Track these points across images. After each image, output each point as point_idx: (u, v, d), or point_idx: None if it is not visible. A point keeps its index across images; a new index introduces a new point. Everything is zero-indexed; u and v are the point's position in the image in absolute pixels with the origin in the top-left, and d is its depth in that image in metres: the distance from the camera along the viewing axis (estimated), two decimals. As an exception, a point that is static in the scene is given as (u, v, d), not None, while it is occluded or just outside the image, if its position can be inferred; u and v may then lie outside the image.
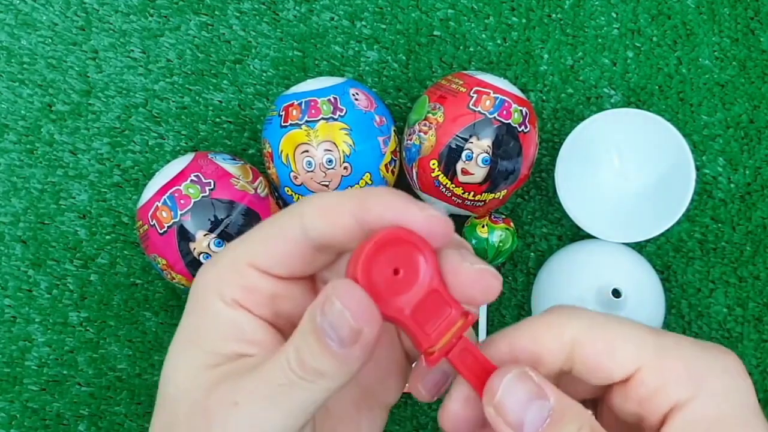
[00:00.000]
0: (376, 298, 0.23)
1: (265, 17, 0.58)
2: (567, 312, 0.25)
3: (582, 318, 0.25)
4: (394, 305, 0.24)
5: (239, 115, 0.58)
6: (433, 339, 0.24)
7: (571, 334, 0.24)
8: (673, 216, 0.52)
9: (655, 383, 0.24)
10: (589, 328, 0.24)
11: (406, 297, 0.24)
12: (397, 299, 0.24)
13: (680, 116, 0.58)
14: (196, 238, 0.48)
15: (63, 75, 0.57)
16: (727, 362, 0.24)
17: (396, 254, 0.24)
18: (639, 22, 0.58)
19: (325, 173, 0.50)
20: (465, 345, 0.24)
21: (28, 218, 0.57)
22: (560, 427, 0.23)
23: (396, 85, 0.58)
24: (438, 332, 0.24)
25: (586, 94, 0.58)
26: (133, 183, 0.57)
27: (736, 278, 0.57)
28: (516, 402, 0.23)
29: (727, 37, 0.58)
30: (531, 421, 0.23)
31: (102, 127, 0.57)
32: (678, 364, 0.24)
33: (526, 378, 0.23)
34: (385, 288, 0.24)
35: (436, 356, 0.24)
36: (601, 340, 0.24)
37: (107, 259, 0.57)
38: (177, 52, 0.58)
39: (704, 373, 0.24)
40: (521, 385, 0.23)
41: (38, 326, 0.56)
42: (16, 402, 0.56)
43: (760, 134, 0.58)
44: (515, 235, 0.55)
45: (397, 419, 0.56)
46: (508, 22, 0.58)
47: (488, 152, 0.50)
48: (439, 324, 0.24)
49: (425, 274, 0.24)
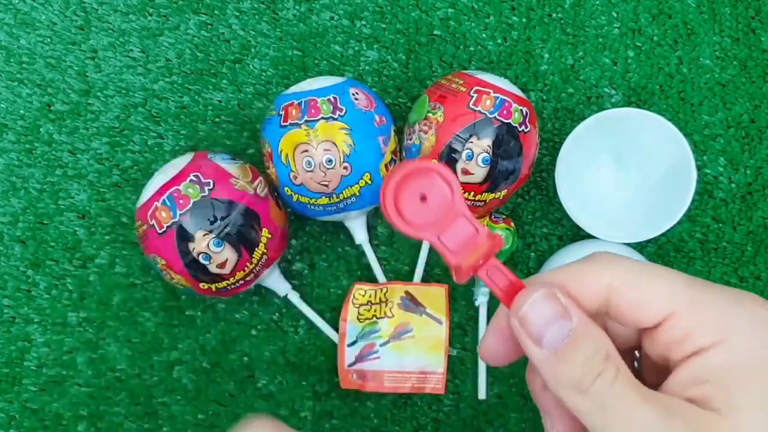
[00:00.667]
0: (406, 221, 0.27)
1: (265, 16, 0.58)
2: (606, 259, 0.26)
3: (619, 265, 0.26)
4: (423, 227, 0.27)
5: (239, 115, 0.58)
6: (461, 258, 0.27)
7: (607, 281, 0.25)
8: (673, 216, 0.52)
9: (683, 330, 0.24)
10: (625, 276, 0.25)
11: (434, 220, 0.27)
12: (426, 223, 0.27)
13: (681, 116, 0.58)
14: (195, 238, 0.48)
15: (62, 74, 0.57)
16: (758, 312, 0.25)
17: (422, 183, 0.27)
18: (640, 22, 0.58)
19: (325, 173, 0.49)
20: (496, 264, 0.27)
21: (27, 218, 0.57)
22: (577, 347, 0.24)
23: (396, 84, 0.58)
24: (467, 251, 0.27)
25: (586, 93, 0.58)
26: (132, 183, 0.57)
27: (737, 278, 0.57)
28: (539, 317, 0.25)
29: (727, 36, 0.58)
30: (551, 337, 0.25)
31: (101, 127, 0.57)
32: (708, 312, 0.24)
33: (552, 298, 0.25)
34: (413, 212, 0.27)
35: (464, 272, 0.27)
36: (635, 289, 0.25)
37: (106, 259, 0.56)
38: (176, 52, 0.58)
39: (732, 321, 0.24)
40: (547, 304, 0.25)
41: (37, 326, 0.56)
42: (15, 402, 0.55)
43: (761, 134, 0.58)
44: (516, 235, 0.55)
45: (397, 419, 0.56)
46: (508, 21, 0.58)
47: (488, 152, 0.49)
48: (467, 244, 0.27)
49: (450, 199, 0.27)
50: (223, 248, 0.48)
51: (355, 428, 0.56)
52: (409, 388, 0.54)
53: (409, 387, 0.54)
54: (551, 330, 0.25)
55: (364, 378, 0.54)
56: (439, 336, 0.54)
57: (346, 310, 0.54)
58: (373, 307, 0.54)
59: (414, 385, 0.54)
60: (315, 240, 0.57)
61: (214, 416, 0.56)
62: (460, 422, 0.57)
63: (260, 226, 0.50)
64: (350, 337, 0.54)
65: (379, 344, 0.54)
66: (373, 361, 0.54)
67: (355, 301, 0.55)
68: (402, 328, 0.54)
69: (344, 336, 0.54)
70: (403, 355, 0.54)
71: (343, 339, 0.54)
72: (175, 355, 0.56)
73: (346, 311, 0.54)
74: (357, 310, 0.54)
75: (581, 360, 0.24)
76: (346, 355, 0.54)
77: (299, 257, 0.57)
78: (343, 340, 0.54)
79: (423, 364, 0.54)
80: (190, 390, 0.56)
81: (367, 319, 0.54)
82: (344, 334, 0.54)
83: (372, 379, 0.54)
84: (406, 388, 0.54)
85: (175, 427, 0.56)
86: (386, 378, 0.54)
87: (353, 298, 0.55)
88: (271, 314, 0.57)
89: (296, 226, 0.57)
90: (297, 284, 0.57)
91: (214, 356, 0.56)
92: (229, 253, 0.48)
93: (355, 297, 0.55)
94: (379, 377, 0.54)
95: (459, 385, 0.57)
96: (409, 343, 0.54)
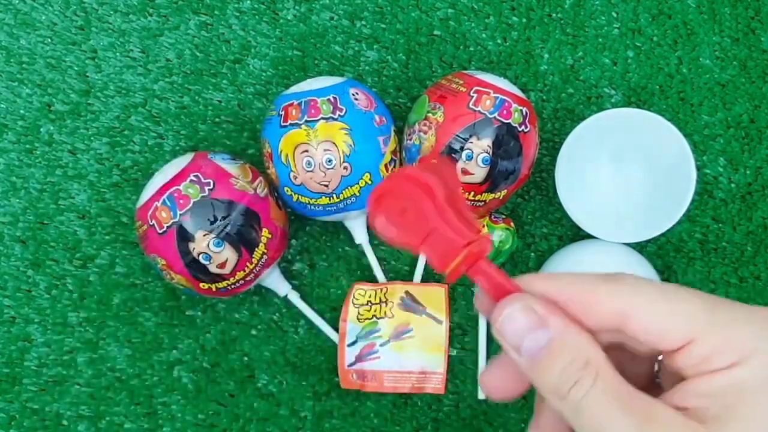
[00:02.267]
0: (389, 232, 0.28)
1: (265, 17, 0.58)
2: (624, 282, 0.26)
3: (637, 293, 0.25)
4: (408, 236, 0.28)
5: (238, 115, 0.58)
6: (444, 264, 0.28)
7: (622, 308, 0.25)
8: (673, 216, 0.52)
9: (701, 356, 0.24)
10: (642, 304, 0.25)
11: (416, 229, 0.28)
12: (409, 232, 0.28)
13: (681, 116, 0.58)
14: (195, 238, 0.48)
15: (62, 75, 0.57)
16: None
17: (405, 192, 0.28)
18: (639, 22, 0.58)
19: (325, 173, 0.50)
20: (482, 269, 0.28)
21: (27, 218, 0.57)
22: (553, 356, 0.25)
23: (396, 84, 0.58)
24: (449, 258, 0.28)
25: (586, 93, 0.58)
26: (132, 183, 0.57)
27: (736, 278, 0.57)
28: (515, 329, 0.26)
29: (727, 36, 0.58)
30: (528, 347, 0.25)
31: (101, 127, 0.57)
32: (727, 336, 0.24)
33: (528, 311, 0.26)
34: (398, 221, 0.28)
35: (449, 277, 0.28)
36: (653, 320, 0.25)
37: (106, 259, 0.56)
38: (176, 52, 0.58)
39: (752, 343, 0.24)
40: (523, 316, 0.26)
41: (37, 326, 0.56)
42: (16, 402, 0.55)
43: (761, 134, 0.58)
44: (515, 235, 0.55)
45: (397, 419, 0.56)
46: (508, 21, 0.58)
47: (488, 152, 0.49)
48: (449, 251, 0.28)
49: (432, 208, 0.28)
50: (223, 248, 0.48)
51: (355, 428, 0.56)
52: (409, 388, 0.54)
53: (409, 387, 0.54)
54: (527, 340, 0.25)
55: (364, 378, 0.54)
56: (439, 336, 0.54)
57: (346, 310, 0.54)
58: (373, 307, 0.54)
59: (414, 385, 0.54)
60: (315, 240, 0.57)
61: (214, 416, 0.56)
62: (460, 422, 0.57)
63: (260, 226, 0.50)
64: (350, 337, 0.54)
65: (379, 344, 0.54)
66: (373, 361, 0.54)
67: (355, 301, 0.55)
68: (402, 328, 0.54)
69: (344, 336, 0.54)
70: (403, 355, 0.54)
71: (343, 339, 0.54)
72: (175, 355, 0.56)
73: (346, 311, 0.54)
74: (357, 310, 0.54)
75: (558, 368, 0.25)
76: (346, 355, 0.54)
77: (299, 257, 0.57)
78: (343, 340, 0.54)
79: (423, 364, 0.54)
80: (190, 390, 0.56)
81: (367, 319, 0.54)
82: (344, 334, 0.54)
83: (372, 379, 0.54)
84: (406, 388, 0.54)
85: (175, 427, 0.56)
86: (386, 378, 0.54)
87: (353, 298, 0.55)
88: (271, 314, 0.57)
89: (296, 226, 0.57)
90: (297, 284, 0.57)
91: (214, 356, 0.56)
92: (229, 253, 0.48)
93: (355, 297, 0.55)
94: (379, 377, 0.54)
95: (459, 385, 0.57)
96: (409, 343, 0.54)
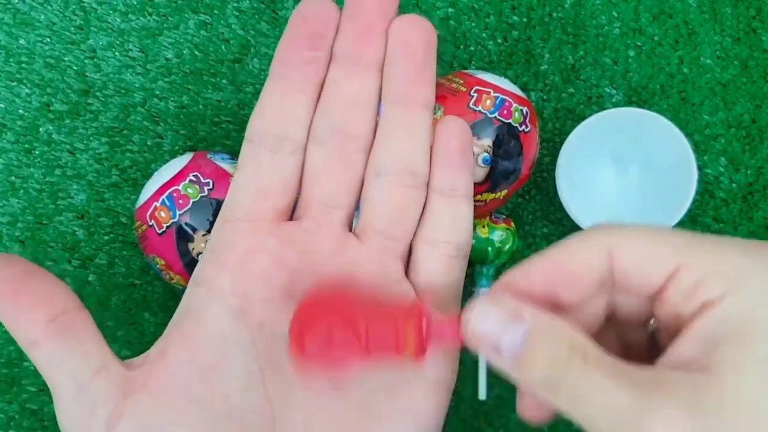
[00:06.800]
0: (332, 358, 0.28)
1: (264, 16, 0.58)
2: (603, 227, 0.25)
3: (618, 230, 0.25)
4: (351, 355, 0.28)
5: (238, 115, 0.58)
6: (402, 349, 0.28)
7: (607, 244, 0.24)
8: (674, 216, 0.52)
9: (691, 282, 0.23)
10: (625, 237, 0.24)
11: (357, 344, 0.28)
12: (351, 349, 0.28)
13: (682, 116, 0.58)
14: (195, 239, 0.48)
15: (61, 74, 0.57)
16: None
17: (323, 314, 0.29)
18: (640, 21, 0.58)
19: (325, 173, 0.49)
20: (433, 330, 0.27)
21: (26, 218, 0.56)
22: (536, 347, 0.23)
23: (396, 84, 0.58)
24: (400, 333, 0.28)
25: (587, 93, 0.58)
26: (131, 183, 0.57)
27: (737, 279, 0.57)
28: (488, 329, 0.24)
29: (728, 36, 0.58)
30: (507, 345, 0.24)
31: (100, 127, 0.57)
32: (715, 261, 0.23)
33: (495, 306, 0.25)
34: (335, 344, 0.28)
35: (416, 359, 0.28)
36: (637, 248, 0.24)
37: (105, 259, 0.56)
38: (175, 52, 0.58)
39: (743, 270, 0.22)
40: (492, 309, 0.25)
41: (36, 327, 0.56)
42: (14, 403, 0.55)
43: (762, 134, 0.58)
44: (516, 236, 0.55)
45: (397, 420, 0.56)
46: (508, 21, 0.58)
47: (489, 152, 0.49)
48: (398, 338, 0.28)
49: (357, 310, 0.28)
50: (223, 248, 0.48)
51: (355, 429, 0.56)
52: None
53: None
54: (504, 338, 0.24)
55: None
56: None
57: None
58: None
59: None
60: (315, 240, 0.57)
61: (214, 417, 0.56)
62: (460, 422, 0.56)
63: (260, 227, 0.50)
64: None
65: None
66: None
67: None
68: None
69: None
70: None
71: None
72: (175, 356, 0.56)
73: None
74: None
75: (544, 358, 0.23)
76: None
77: (299, 257, 0.57)
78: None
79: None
80: (190, 390, 0.56)
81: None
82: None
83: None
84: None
85: (175, 427, 0.55)
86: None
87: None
88: (271, 314, 0.57)
89: (296, 226, 0.57)
90: (297, 284, 0.57)
91: (213, 357, 0.56)
92: (228, 254, 0.48)
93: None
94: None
95: (459, 385, 0.56)
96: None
